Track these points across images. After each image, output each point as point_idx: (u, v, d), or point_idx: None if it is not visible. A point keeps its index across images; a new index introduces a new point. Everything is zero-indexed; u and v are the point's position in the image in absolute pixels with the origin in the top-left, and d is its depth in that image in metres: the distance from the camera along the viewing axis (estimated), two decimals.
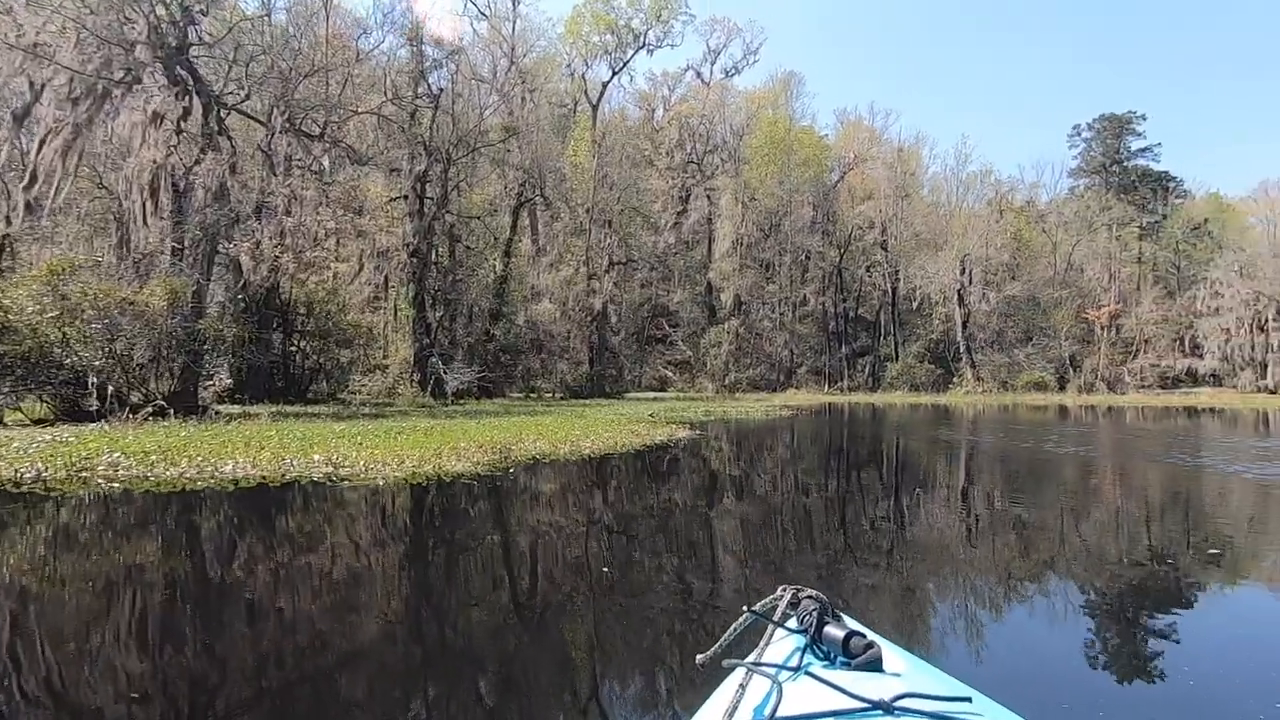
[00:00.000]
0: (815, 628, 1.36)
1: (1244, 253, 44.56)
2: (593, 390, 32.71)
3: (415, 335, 23.50)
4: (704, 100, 51.91)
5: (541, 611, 4.02)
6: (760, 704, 1.11)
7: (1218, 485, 8.88)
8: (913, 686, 1.11)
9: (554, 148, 37.46)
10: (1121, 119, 62.23)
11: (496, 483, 8.02)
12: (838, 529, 6.41)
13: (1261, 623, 3.92)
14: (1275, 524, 6.62)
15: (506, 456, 9.57)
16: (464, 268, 28.42)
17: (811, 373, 47.80)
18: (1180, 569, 4.80)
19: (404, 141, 24.23)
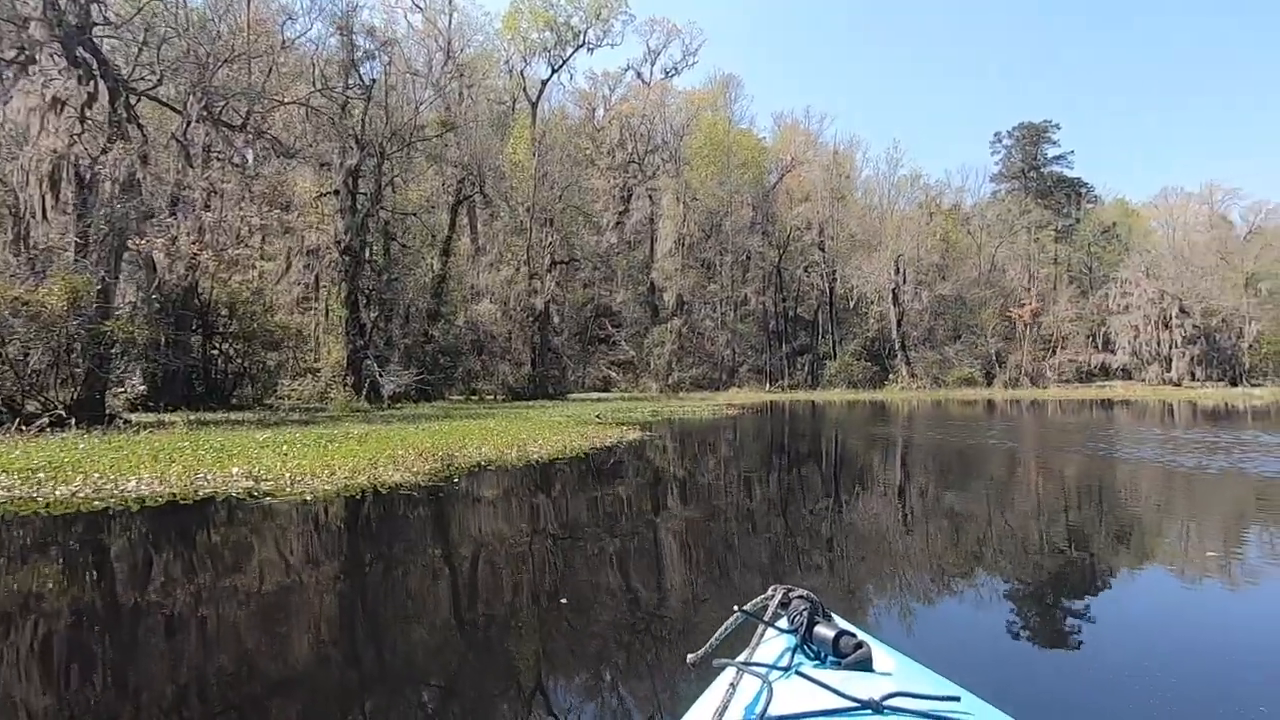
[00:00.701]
0: (806, 627, 1.36)
1: (1150, 254, 47.68)
2: (535, 391, 32.17)
3: (348, 337, 22.49)
4: (644, 100, 51.94)
5: (497, 645, 3.46)
6: (751, 703, 1.11)
7: (1129, 473, 9.43)
8: (902, 686, 1.11)
9: (493, 145, 36.67)
10: (1038, 128, 65.74)
11: (440, 493, 7.40)
12: (801, 529, 6.32)
13: (1162, 594, 4.27)
14: (1180, 506, 7.28)
15: (450, 464, 9.00)
16: (400, 266, 27.44)
17: (753, 371, 48.46)
18: (1094, 551, 5.19)
19: (334, 134, 23.18)
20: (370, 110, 24.30)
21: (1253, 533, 5.77)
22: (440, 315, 29.87)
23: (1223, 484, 7.97)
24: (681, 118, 51.31)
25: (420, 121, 29.55)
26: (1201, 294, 44.75)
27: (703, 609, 3.98)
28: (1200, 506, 7.19)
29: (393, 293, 25.19)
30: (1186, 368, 42.48)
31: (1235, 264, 50.33)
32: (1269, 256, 50.99)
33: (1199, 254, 48.90)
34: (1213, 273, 47.87)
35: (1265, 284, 48.29)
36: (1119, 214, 60.16)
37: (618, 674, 3.16)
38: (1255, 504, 6.93)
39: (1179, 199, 57.34)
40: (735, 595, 1.44)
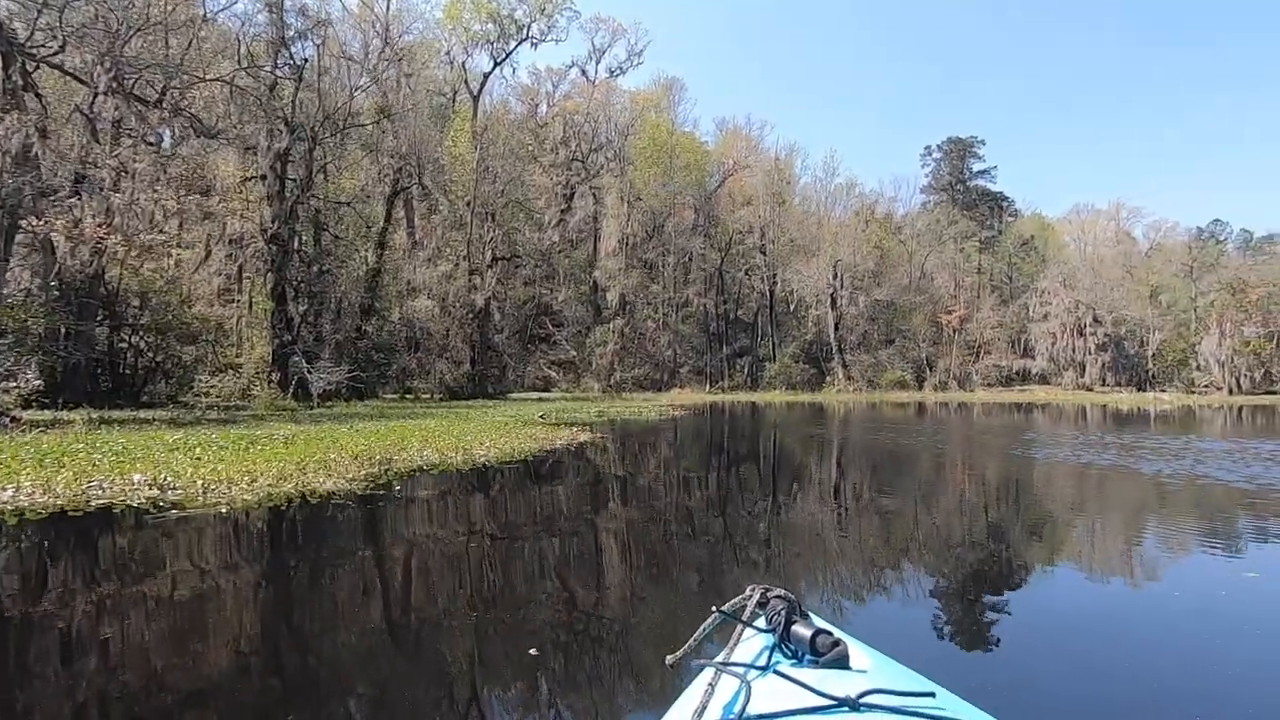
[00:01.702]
0: (783, 626, 1.36)
1: (1065, 266, 50.54)
2: (474, 391, 31.29)
3: (274, 331, 21.18)
4: (589, 98, 51.51)
5: (459, 691, 2.95)
6: (729, 703, 1.12)
7: (1046, 472, 9.81)
8: (878, 683, 1.12)
9: (432, 136, 35.50)
10: (965, 142, 68.73)
11: (379, 503, 6.64)
12: (761, 531, 6.16)
13: (1075, 583, 4.60)
14: (1090, 503, 7.62)
15: (388, 469, 8.24)
16: (332, 258, 26.13)
17: (693, 372, 48.71)
18: (1012, 545, 5.56)
19: (262, 116, 21.80)
20: (301, 93, 23.01)
21: (1152, 529, 6.06)
22: (374, 310, 28.64)
23: (1136, 482, 8.27)
24: (626, 117, 51.13)
25: (355, 108, 28.28)
26: (1111, 305, 47.74)
27: (678, 623, 3.71)
28: (1112, 503, 7.51)
29: (323, 285, 23.93)
30: (1099, 373, 45.23)
31: (1140, 277, 54.00)
32: (1168, 271, 54.93)
33: (1107, 267, 52.14)
34: (1120, 285, 51.14)
35: (1164, 297, 51.97)
36: (1036, 227, 63.58)
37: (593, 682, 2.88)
38: (1168, 502, 7.18)
39: (1089, 215, 61.12)
40: (712, 610, 1.39)
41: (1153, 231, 63.38)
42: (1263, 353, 37.00)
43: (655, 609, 4.05)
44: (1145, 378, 45.90)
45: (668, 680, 3.09)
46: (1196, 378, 39.38)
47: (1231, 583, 4.36)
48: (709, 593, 4.26)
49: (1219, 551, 5.14)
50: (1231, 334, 36.88)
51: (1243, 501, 6.92)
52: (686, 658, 1.34)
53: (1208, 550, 5.18)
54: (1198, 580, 4.52)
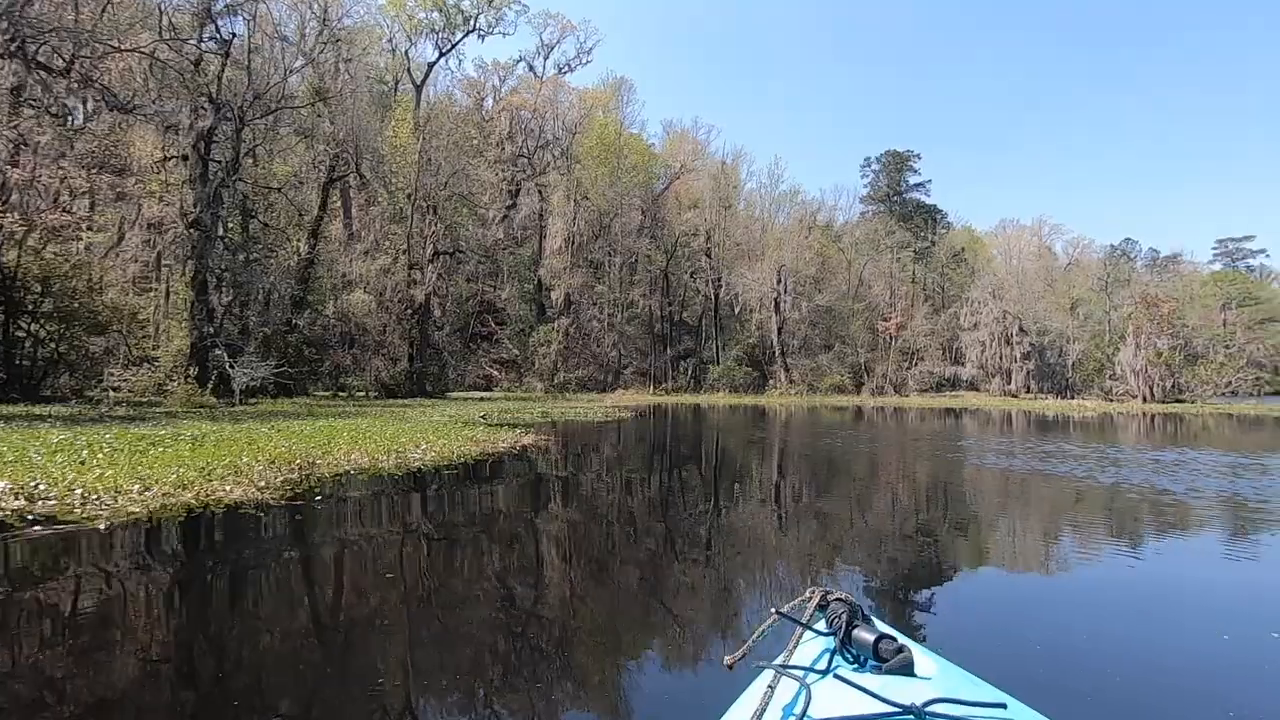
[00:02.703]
0: (844, 630, 1.34)
1: (994, 277, 52.85)
2: (412, 389, 30.25)
3: (194, 322, 19.84)
4: (536, 94, 50.82)
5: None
6: (789, 705, 1.10)
7: (973, 475, 10.09)
8: (945, 691, 1.09)
9: (372, 124, 34.18)
10: (902, 156, 70.97)
11: (295, 514, 5.84)
12: (721, 533, 5.95)
13: (995, 581, 4.87)
14: (1013, 504, 7.86)
15: (310, 474, 7.53)
16: (260, 246, 24.73)
17: (638, 374, 48.59)
18: (940, 542, 5.84)
19: (185, 92, 20.42)
20: (229, 70, 21.68)
21: (1068, 528, 6.22)
22: (306, 303, 27.30)
23: (1056, 485, 8.51)
24: (574, 115, 50.68)
25: (289, 90, 26.89)
26: (1036, 316, 50.19)
27: (632, 632, 3.44)
28: (1034, 504, 7.69)
29: (250, 275, 22.59)
30: (1024, 381, 47.42)
31: (1060, 290, 57.06)
32: (1085, 285, 58.29)
33: (1030, 280, 54.83)
34: (1042, 297, 53.85)
35: (1082, 309, 55.06)
36: (966, 240, 66.27)
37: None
38: (1089, 504, 7.40)
39: (1015, 230, 64.19)
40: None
41: (1072, 247, 67.26)
42: (1172, 364, 39.57)
43: (612, 632, 3.77)
44: (1066, 385, 48.43)
45: (610, 688, 2.95)
46: (1113, 386, 41.74)
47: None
48: (668, 599, 4.02)
49: (1141, 550, 5.33)
50: (1145, 345, 39.27)
51: (1158, 504, 7.18)
52: (745, 659, 1.32)
53: (1128, 547, 5.38)
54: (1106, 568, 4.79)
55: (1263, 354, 52.74)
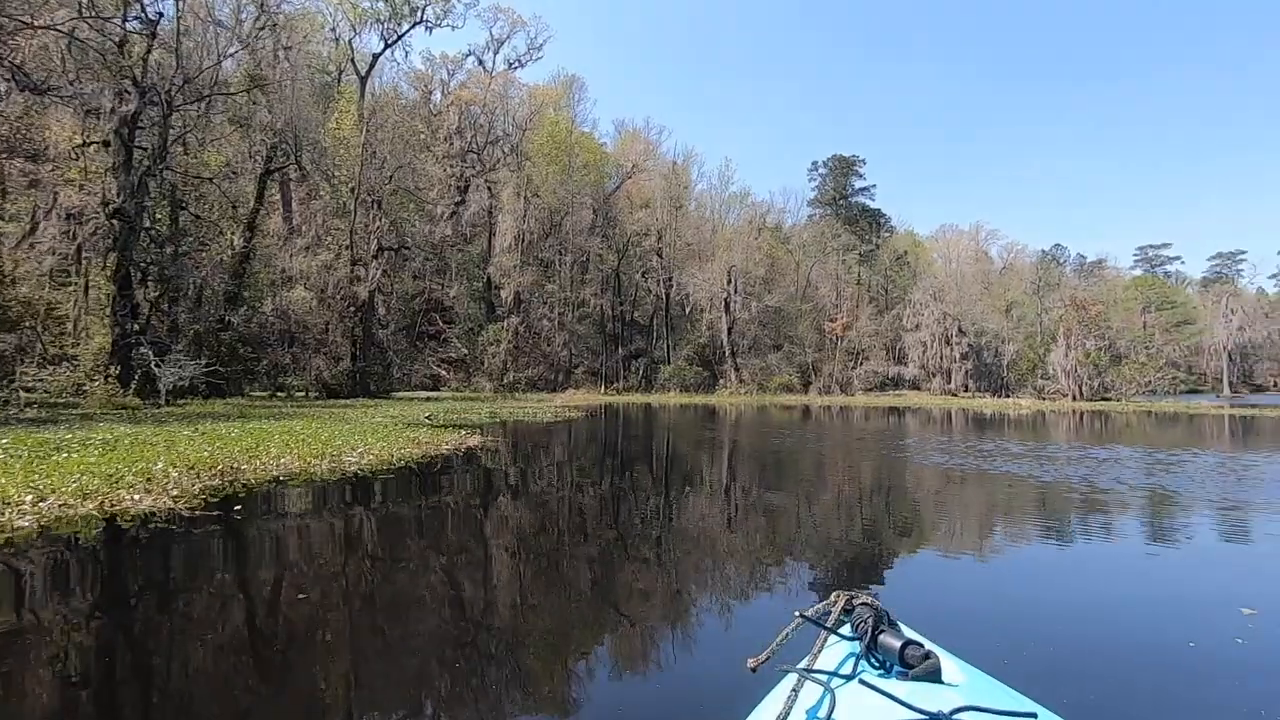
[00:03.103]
0: (870, 635, 1.32)
1: (935, 280, 54.61)
2: (355, 389, 29.31)
3: (116, 319, 18.70)
4: (486, 89, 49.95)
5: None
6: (812, 710, 1.09)
7: (924, 474, 10.29)
8: (972, 699, 1.07)
9: (313, 115, 32.98)
10: (848, 160, 72.59)
11: (210, 525, 5.35)
12: (672, 533, 5.85)
13: (939, 569, 5.02)
14: (951, 501, 8.00)
15: (234, 481, 7.02)
16: (191, 240, 23.52)
17: (588, 373, 48.32)
18: (878, 537, 6.00)
19: (107, 75, 19.23)
20: (156, 52, 20.51)
21: (1000, 522, 6.39)
22: (242, 300, 26.12)
23: (993, 482, 8.80)
24: (525, 111, 50.04)
25: (223, 76, 25.67)
26: (974, 318, 52.07)
27: (583, 641, 3.31)
28: (969, 501, 7.89)
29: (179, 270, 21.46)
30: (962, 380, 49.11)
31: (996, 293, 59.41)
32: (1019, 288, 60.85)
33: (968, 283, 56.89)
34: (979, 299, 55.93)
35: (1016, 311, 57.44)
36: (908, 244, 68.29)
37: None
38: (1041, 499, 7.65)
39: (954, 234, 66.49)
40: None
41: (1006, 252, 70.14)
42: (1099, 364, 41.64)
43: (571, 636, 3.63)
44: (1002, 384, 50.42)
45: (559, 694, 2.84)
46: (1046, 385, 43.65)
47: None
48: (612, 598, 3.89)
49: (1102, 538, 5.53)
50: (1075, 346, 41.19)
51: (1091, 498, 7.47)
52: (769, 663, 1.31)
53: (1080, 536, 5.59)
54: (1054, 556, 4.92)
55: (1178, 354, 56.10)
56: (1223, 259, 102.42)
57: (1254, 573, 4.76)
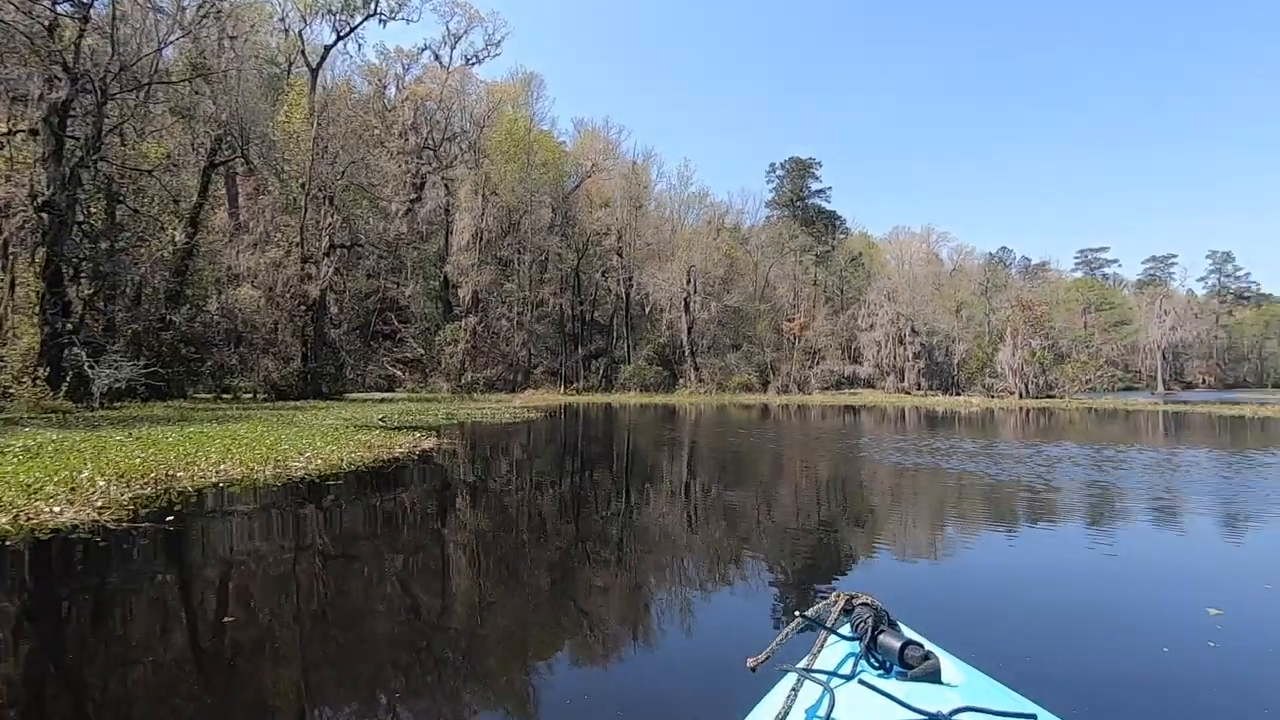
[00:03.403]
0: (869, 635, 1.33)
1: (889, 281, 55.85)
2: (306, 390, 28.44)
3: (45, 317, 17.71)
4: (442, 85, 49.05)
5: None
6: (812, 709, 1.10)
7: (870, 469, 10.56)
8: (972, 700, 1.07)
9: (261, 108, 31.85)
10: (805, 163, 73.66)
11: (138, 539, 4.89)
12: (635, 535, 5.76)
13: (893, 565, 5.07)
14: (904, 497, 8.18)
15: (170, 489, 6.56)
16: (129, 235, 22.44)
17: (548, 373, 47.92)
18: (836, 532, 6.10)
19: (35, 60, 18.19)
20: (90, 38, 19.49)
21: (950, 517, 6.51)
22: (185, 298, 25.04)
23: (944, 479, 9.00)
24: (482, 108, 49.35)
25: (164, 64, 24.57)
26: (925, 318, 53.43)
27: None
28: (923, 497, 7.98)
29: (115, 266, 20.45)
30: (915, 378, 50.35)
31: (946, 294, 61.09)
32: (968, 290, 62.71)
33: (920, 284, 58.35)
34: (930, 300, 57.43)
35: (965, 312, 59.18)
36: (863, 245, 69.70)
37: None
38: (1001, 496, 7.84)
39: (906, 236, 68.14)
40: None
41: (956, 254, 72.18)
42: (1044, 363, 43.23)
43: (523, 640, 3.50)
44: (952, 382, 51.86)
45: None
46: (994, 384, 45.07)
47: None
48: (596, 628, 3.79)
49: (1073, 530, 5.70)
50: (1022, 346, 42.64)
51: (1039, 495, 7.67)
52: (769, 662, 1.31)
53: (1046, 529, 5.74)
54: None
55: (1116, 353, 58.61)
56: (1156, 262, 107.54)
57: (1214, 571, 4.90)
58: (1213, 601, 3.91)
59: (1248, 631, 3.51)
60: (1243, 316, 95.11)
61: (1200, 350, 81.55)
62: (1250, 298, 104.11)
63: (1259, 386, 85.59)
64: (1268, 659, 3.18)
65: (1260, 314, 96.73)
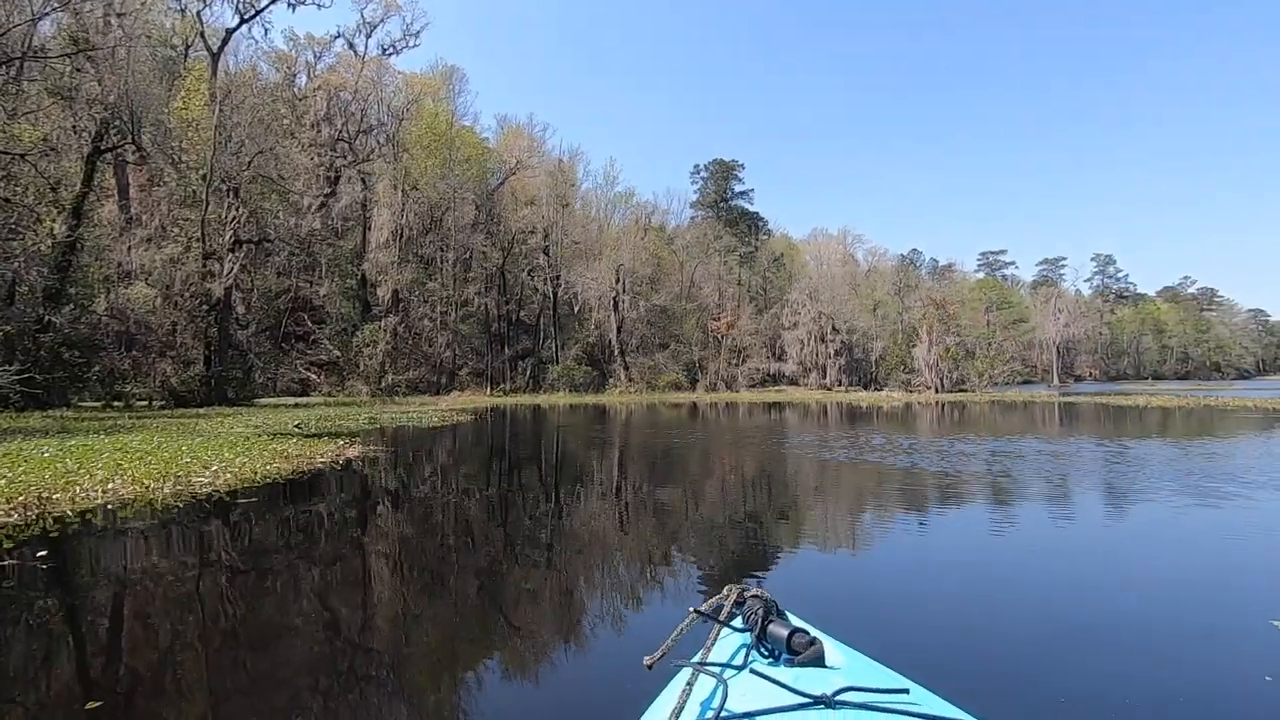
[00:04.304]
0: (760, 626, 1.37)
1: (811, 281, 57.58)
2: (210, 396, 26.49)
3: None
4: (357, 74, 46.90)
5: None
6: (706, 701, 1.12)
7: (795, 464, 10.72)
8: (853, 680, 1.14)
9: (155, 92, 29.48)
10: (728, 165, 75.03)
11: (4, 582, 4.13)
12: (572, 536, 5.48)
13: (814, 560, 5.18)
14: (829, 489, 8.43)
15: (43, 514, 5.69)
16: (0, 227, 20.23)
17: (473, 374, 46.70)
18: (766, 526, 6.23)
19: None
20: None
21: (870, 509, 6.68)
22: (67, 297, 22.79)
23: (864, 471, 9.23)
24: (401, 100, 47.54)
25: (40, 41, 22.31)
26: (845, 317, 55.39)
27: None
28: (843, 490, 8.15)
29: None
30: (836, 375, 52.10)
31: (863, 293, 63.58)
32: (882, 290, 65.51)
33: (838, 284, 60.49)
34: (848, 300, 59.62)
35: (880, 310, 61.80)
36: (784, 246, 71.62)
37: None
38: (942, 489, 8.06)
39: (824, 238, 70.44)
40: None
41: (871, 255, 75.22)
42: (957, 358, 45.68)
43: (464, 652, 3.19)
44: (871, 378, 54.00)
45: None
46: (910, 379, 47.23)
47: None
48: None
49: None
50: (937, 342, 44.85)
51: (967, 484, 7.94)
52: (664, 659, 1.32)
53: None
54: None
55: (1014, 349, 62.64)
56: (1048, 264, 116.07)
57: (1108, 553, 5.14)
58: (1081, 578, 4.39)
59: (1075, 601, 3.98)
60: (1122, 314, 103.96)
61: (1088, 346, 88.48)
62: (1129, 297, 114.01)
63: (1137, 379, 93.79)
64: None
65: (1137, 312, 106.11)
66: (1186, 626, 3.47)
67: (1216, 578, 4.40)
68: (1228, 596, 4.00)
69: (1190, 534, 5.55)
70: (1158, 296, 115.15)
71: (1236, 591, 4.11)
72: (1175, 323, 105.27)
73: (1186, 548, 5.19)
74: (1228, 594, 4.05)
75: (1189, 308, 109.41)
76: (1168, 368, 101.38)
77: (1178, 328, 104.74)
